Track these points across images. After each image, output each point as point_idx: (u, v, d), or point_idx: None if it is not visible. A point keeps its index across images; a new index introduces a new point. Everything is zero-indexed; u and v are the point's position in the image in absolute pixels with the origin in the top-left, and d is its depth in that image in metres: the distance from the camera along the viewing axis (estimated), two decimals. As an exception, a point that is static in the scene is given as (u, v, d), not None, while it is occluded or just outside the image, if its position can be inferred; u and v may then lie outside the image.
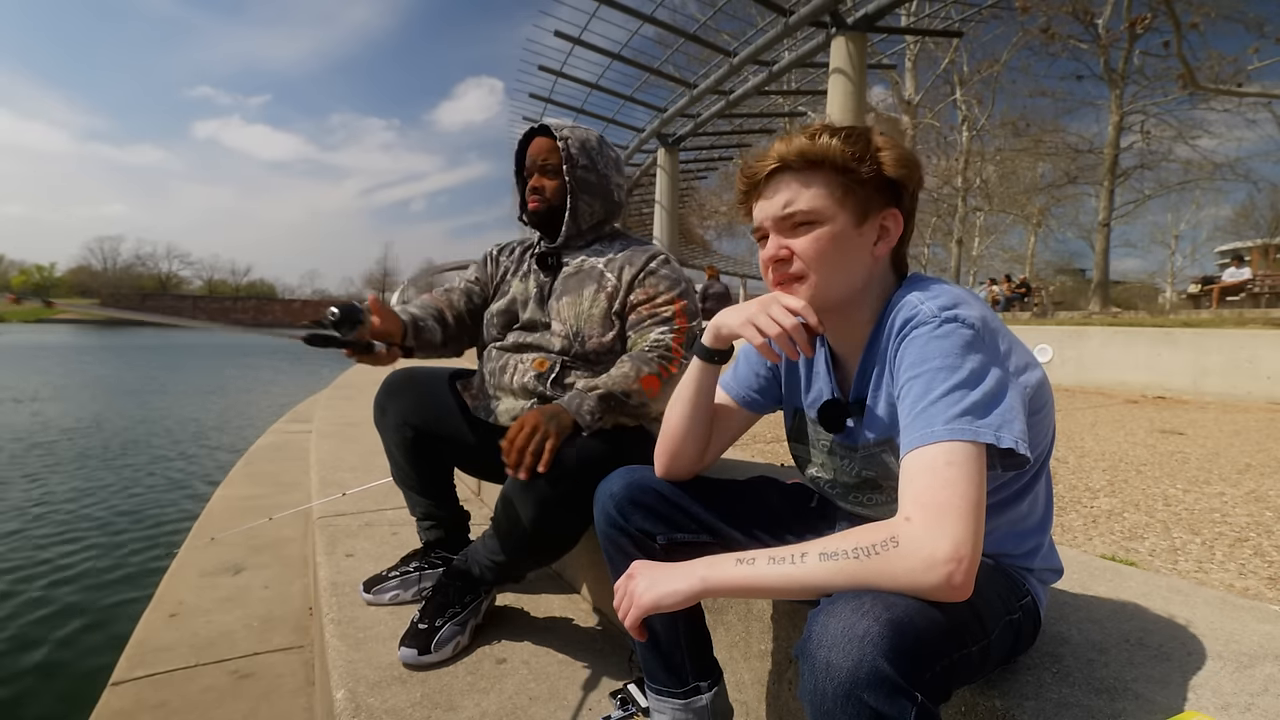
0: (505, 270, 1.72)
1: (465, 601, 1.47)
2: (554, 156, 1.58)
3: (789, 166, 0.85)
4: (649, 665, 1.09)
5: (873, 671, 0.59)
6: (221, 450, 7.17)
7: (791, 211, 0.85)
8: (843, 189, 0.84)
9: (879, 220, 0.86)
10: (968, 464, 0.68)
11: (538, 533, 1.33)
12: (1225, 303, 12.13)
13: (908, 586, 0.65)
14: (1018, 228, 29.70)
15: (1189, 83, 12.22)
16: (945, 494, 0.67)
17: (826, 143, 0.83)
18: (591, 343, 1.52)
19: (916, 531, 0.66)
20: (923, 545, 0.65)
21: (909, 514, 0.68)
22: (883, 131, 0.88)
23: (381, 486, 2.40)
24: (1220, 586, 1.30)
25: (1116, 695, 0.76)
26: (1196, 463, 2.37)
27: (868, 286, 0.87)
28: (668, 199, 19.86)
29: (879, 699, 0.59)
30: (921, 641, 0.63)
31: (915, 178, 0.86)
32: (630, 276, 1.54)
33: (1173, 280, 34.82)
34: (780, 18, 11.88)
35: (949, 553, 0.64)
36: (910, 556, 0.65)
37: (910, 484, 0.70)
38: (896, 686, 0.60)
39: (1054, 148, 21.00)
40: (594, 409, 1.35)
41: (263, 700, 1.67)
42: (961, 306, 0.77)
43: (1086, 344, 6.44)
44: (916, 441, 0.72)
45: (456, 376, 1.70)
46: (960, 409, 0.71)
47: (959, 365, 0.73)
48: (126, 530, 4.49)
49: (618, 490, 1.04)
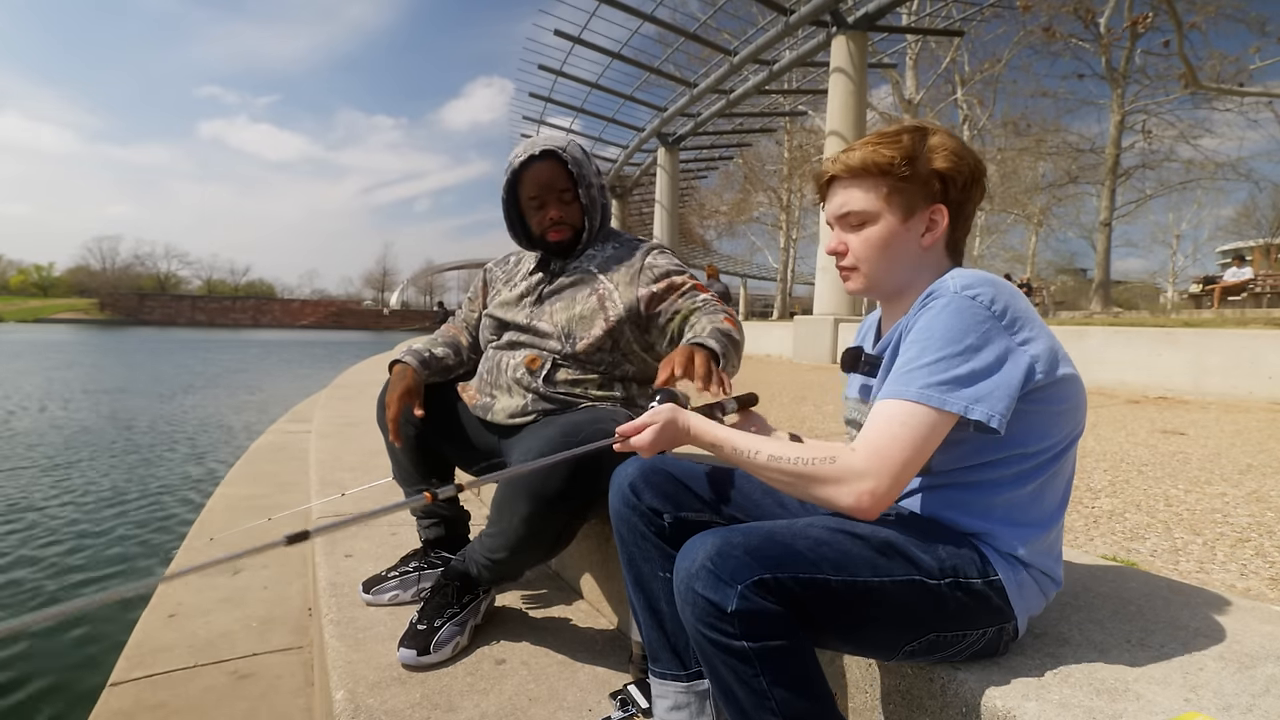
0: (499, 279, 1.73)
1: (464, 602, 1.47)
2: (565, 180, 1.54)
3: (840, 175, 0.97)
4: (653, 647, 1.10)
5: (699, 568, 0.79)
6: (221, 449, 7.17)
7: (846, 212, 0.97)
8: (888, 189, 0.94)
9: (926, 215, 0.94)
10: (920, 428, 0.81)
11: (534, 529, 1.33)
12: (1227, 302, 12.12)
13: (825, 497, 0.82)
14: (1019, 227, 29.69)
15: (1190, 82, 12.21)
16: (889, 444, 0.81)
17: (865, 153, 0.94)
18: (582, 343, 1.51)
19: (854, 460, 0.81)
20: (851, 472, 0.81)
21: (855, 446, 0.83)
22: (938, 129, 0.96)
23: (381, 487, 2.39)
24: (1222, 587, 1.30)
25: (1118, 695, 0.76)
26: (1198, 463, 2.36)
27: (918, 273, 0.97)
28: (668, 198, 19.86)
29: (705, 588, 0.78)
30: (751, 553, 0.79)
31: (964, 170, 0.93)
32: (628, 277, 1.54)
33: (1174, 280, 34.81)
34: (781, 17, 11.88)
35: (869, 487, 0.80)
36: (838, 477, 0.81)
37: (869, 425, 0.84)
38: (718, 579, 0.77)
39: (1055, 147, 20.97)
40: (719, 338, 1.34)
41: (262, 701, 1.67)
42: (983, 288, 0.85)
43: (1088, 344, 6.43)
44: (890, 394, 0.84)
45: (457, 377, 1.70)
46: (940, 379, 0.81)
47: (958, 338, 0.82)
48: (126, 530, 4.49)
49: (632, 471, 1.11)
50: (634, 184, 26.68)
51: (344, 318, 77.87)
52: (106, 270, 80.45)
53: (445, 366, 1.69)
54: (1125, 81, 16.01)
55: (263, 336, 48.32)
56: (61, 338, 35.70)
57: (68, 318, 65.96)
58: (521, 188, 1.56)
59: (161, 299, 76.23)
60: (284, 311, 78.31)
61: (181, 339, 38.17)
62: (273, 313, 77.81)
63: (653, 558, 1.09)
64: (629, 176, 25.82)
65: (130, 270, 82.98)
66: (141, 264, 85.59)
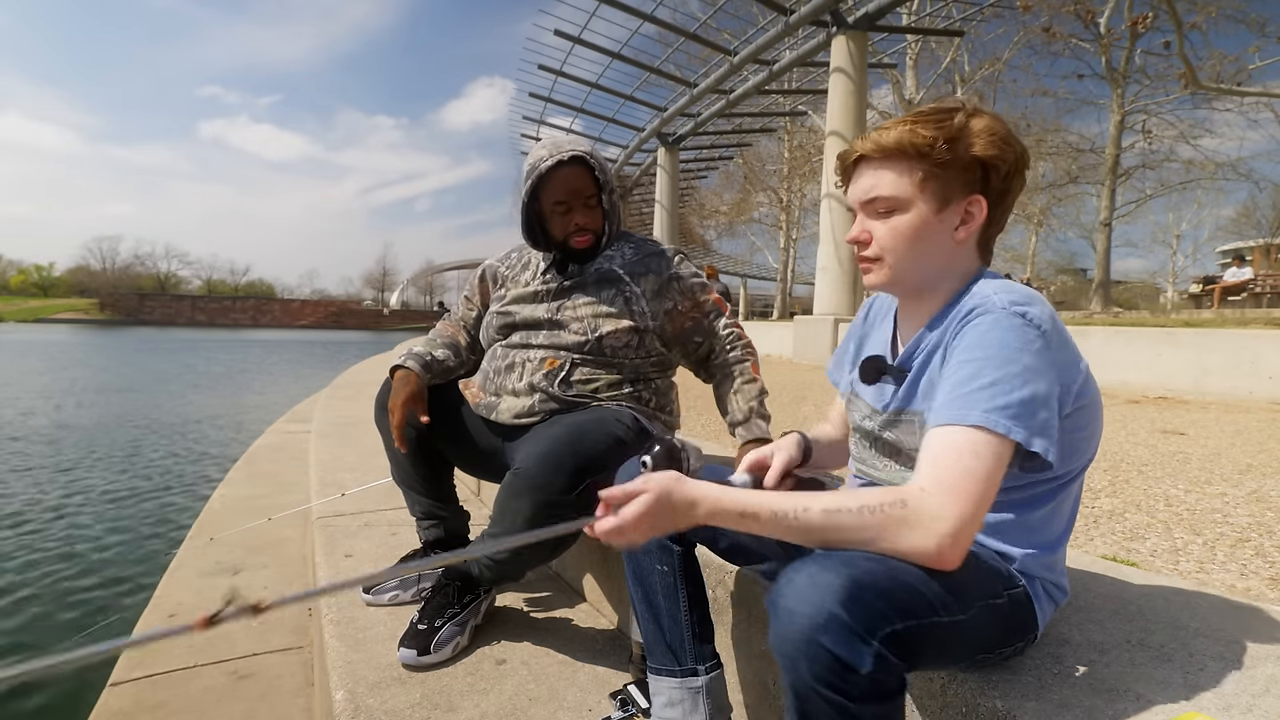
0: (506, 276, 1.70)
1: (464, 602, 1.47)
2: (592, 186, 1.53)
3: (871, 155, 0.87)
4: (650, 642, 1.10)
5: (830, 617, 0.63)
6: (222, 448, 7.17)
7: (873, 197, 0.87)
8: (923, 174, 0.84)
9: (962, 206, 0.85)
10: (990, 456, 0.72)
11: (535, 529, 1.32)
12: (1227, 302, 12.10)
13: (904, 548, 0.70)
14: (1019, 227, 29.63)
15: (1190, 82, 12.19)
16: (963, 478, 0.71)
17: (901, 132, 0.83)
18: (609, 338, 1.51)
19: (928, 502, 0.70)
20: (928, 514, 0.69)
21: (923, 485, 0.72)
22: (980, 111, 0.86)
23: (381, 487, 2.40)
24: (1222, 587, 1.30)
25: (1118, 696, 0.76)
26: (1198, 463, 2.36)
27: (947, 270, 0.88)
28: (668, 198, 19.84)
29: (836, 643, 0.63)
30: (882, 596, 0.66)
31: (1009, 158, 0.84)
32: (656, 287, 1.55)
33: (1174, 280, 34.76)
34: (781, 17, 11.86)
35: (950, 529, 0.69)
36: (914, 521, 0.70)
37: (932, 458, 0.73)
38: (853, 632, 0.63)
39: (1055, 147, 20.95)
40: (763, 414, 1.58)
41: (261, 701, 1.67)
42: (1033, 306, 0.78)
43: (1088, 344, 6.43)
44: (950, 419, 0.74)
45: (457, 376, 1.70)
46: (1002, 402, 0.73)
47: (1014, 359, 0.75)
48: (125, 530, 4.48)
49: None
50: (634, 184, 26.65)
51: (344, 318, 77.86)
52: (106, 270, 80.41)
53: (446, 369, 1.69)
54: (1125, 81, 15.99)
55: (263, 336, 48.31)
56: (61, 338, 35.68)
57: (68, 318, 65.92)
58: (545, 191, 1.52)
59: (161, 299, 76.17)
60: (284, 311, 78.27)
61: (182, 339, 38.16)
62: (272, 313, 77.76)
63: (651, 549, 1.08)
64: (629, 176, 25.80)
65: (130, 270, 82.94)
66: (141, 264, 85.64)
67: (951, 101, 0.87)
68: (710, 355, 1.62)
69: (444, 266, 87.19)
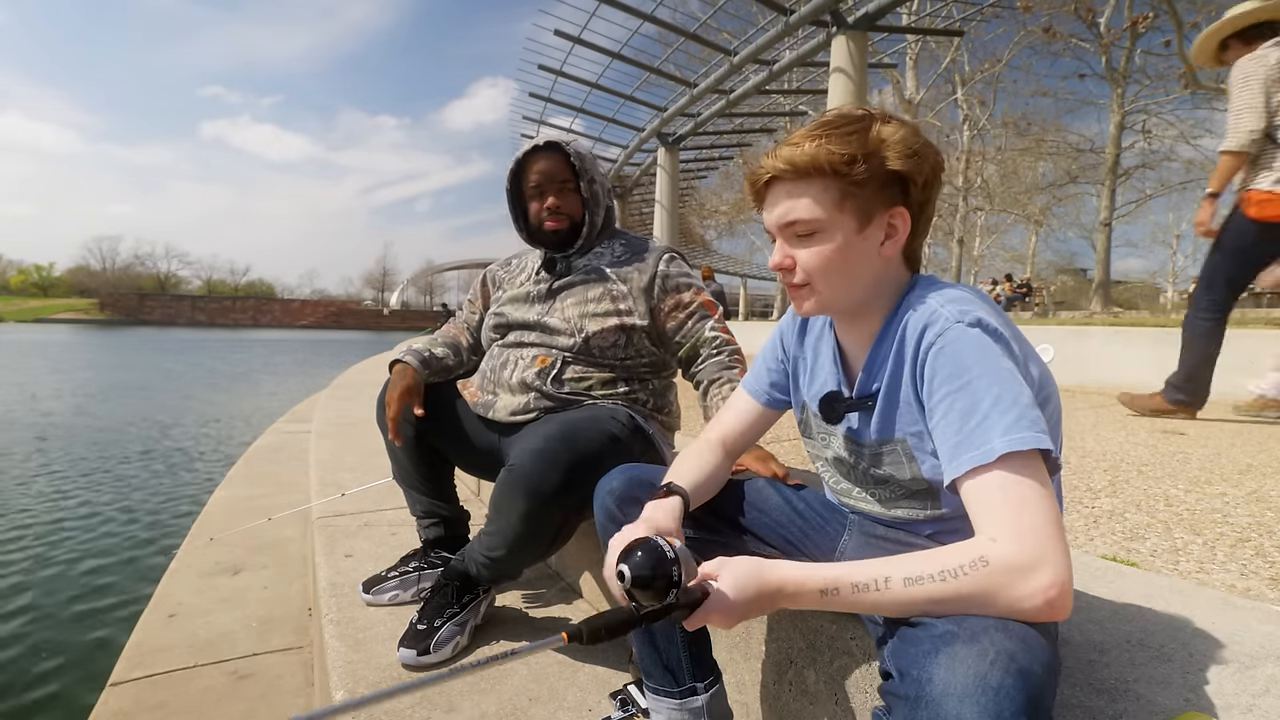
0: (503, 279, 1.73)
1: (464, 602, 1.47)
2: (567, 171, 1.56)
3: (783, 175, 0.82)
4: (646, 664, 1.09)
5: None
6: (222, 448, 7.17)
7: (791, 221, 0.83)
8: (840, 193, 0.80)
9: (885, 220, 0.82)
10: (1033, 477, 0.68)
11: (531, 527, 1.33)
12: (1226, 302, 12.10)
13: (1007, 609, 0.65)
14: (1019, 227, 29.69)
15: (1191, 82, 12.21)
16: (1030, 514, 0.67)
17: (814, 150, 0.79)
18: (595, 338, 1.52)
19: (1010, 554, 0.65)
20: (1017, 568, 0.65)
21: (994, 535, 0.67)
22: (890, 118, 0.82)
23: (380, 487, 2.40)
24: (1222, 587, 1.30)
25: (1117, 696, 0.76)
26: (1198, 463, 2.36)
27: (878, 286, 0.85)
28: (668, 198, 19.84)
29: None
30: (1044, 687, 0.60)
31: (925, 168, 0.81)
32: (644, 284, 1.56)
33: (1174, 280, 34.81)
34: (781, 17, 11.86)
35: (1049, 578, 0.64)
36: (1006, 579, 0.65)
37: (986, 507, 0.69)
38: None
39: (1055, 147, 20.99)
40: None
41: (261, 701, 1.67)
42: (979, 310, 0.76)
43: (1088, 344, 6.43)
44: (977, 460, 0.70)
45: (457, 376, 1.71)
46: (1012, 419, 0.70)
47: (993, 373, 0.73)
48: (125, 530, 4.49)
49: (617, 486, 1.05)
50: (634, 184, 26.63)
51: (344, 318, 77.92)
52: (106, 270, 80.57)
53: (445, 367, 1.70)
54: (1125, 81, 16.00)
55: (263, 336, 48.33)
56: (62, 338, 35.70)
57: (68, 318, 65.97)
58: (524, 179, 1.59)
59: (161, 299, 76.24)
60: (284, 311, 78.32)
61: (183, 339, 38.17)
62: (273, 313, 77.82)
63: None
64: (629, 176, 25.78)
65: (130, 270, 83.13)
66: (141, 264, 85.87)
67: (859, 109, 0.83)
68: (694, 359, 1.58)
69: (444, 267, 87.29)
